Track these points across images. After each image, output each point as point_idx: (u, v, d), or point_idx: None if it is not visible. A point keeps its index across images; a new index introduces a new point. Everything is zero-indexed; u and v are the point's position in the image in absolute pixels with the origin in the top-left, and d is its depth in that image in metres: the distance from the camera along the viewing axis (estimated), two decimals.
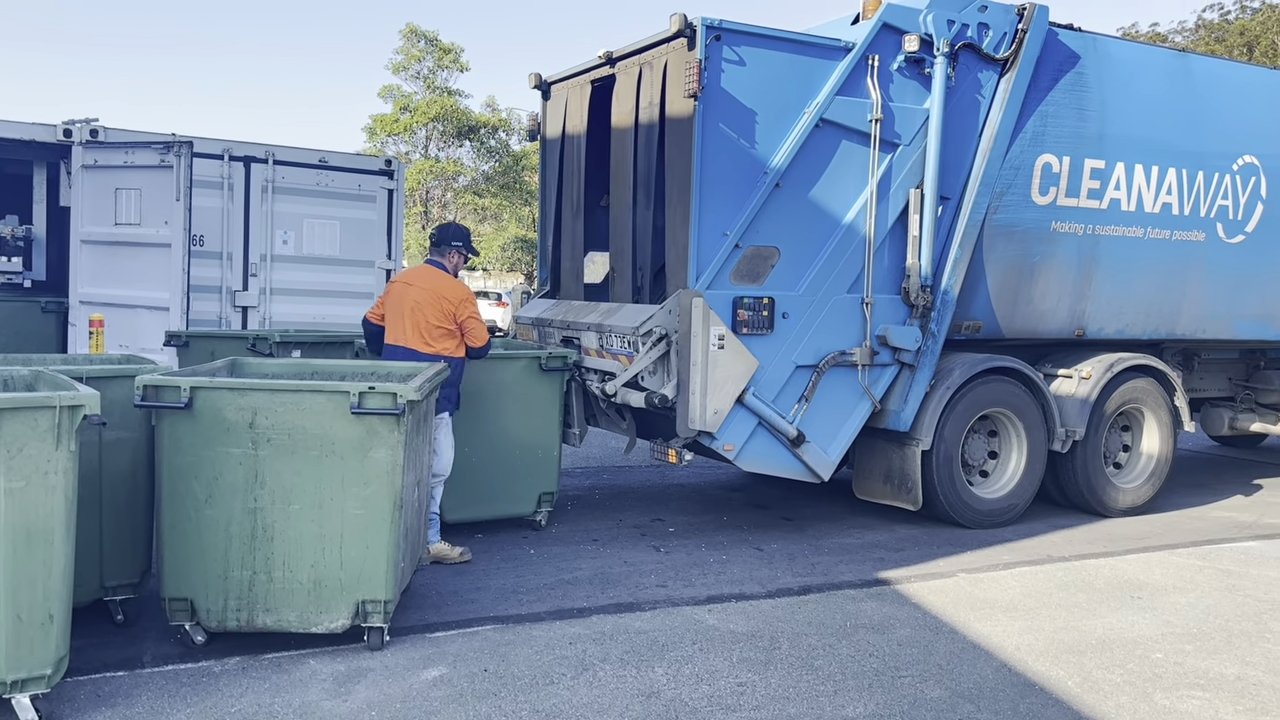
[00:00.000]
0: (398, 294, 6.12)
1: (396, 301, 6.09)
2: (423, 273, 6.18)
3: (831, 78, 6.75)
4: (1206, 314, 8.51)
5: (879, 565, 6.44)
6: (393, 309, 6.11)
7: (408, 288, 6.08)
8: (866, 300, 7.02)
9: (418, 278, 6.14)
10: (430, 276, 6.13)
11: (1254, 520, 8.11)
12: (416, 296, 6.00)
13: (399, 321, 6.04)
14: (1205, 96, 8.31)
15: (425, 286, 6.05)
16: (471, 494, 6.62)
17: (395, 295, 6.14)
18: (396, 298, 6.11)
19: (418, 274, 6.18)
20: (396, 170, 10.44)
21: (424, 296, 5.99)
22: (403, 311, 6.02)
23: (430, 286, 6.04)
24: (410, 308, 5.99)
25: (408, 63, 34.09)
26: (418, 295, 6.01)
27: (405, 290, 6.08)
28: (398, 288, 6.16)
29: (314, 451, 4.50)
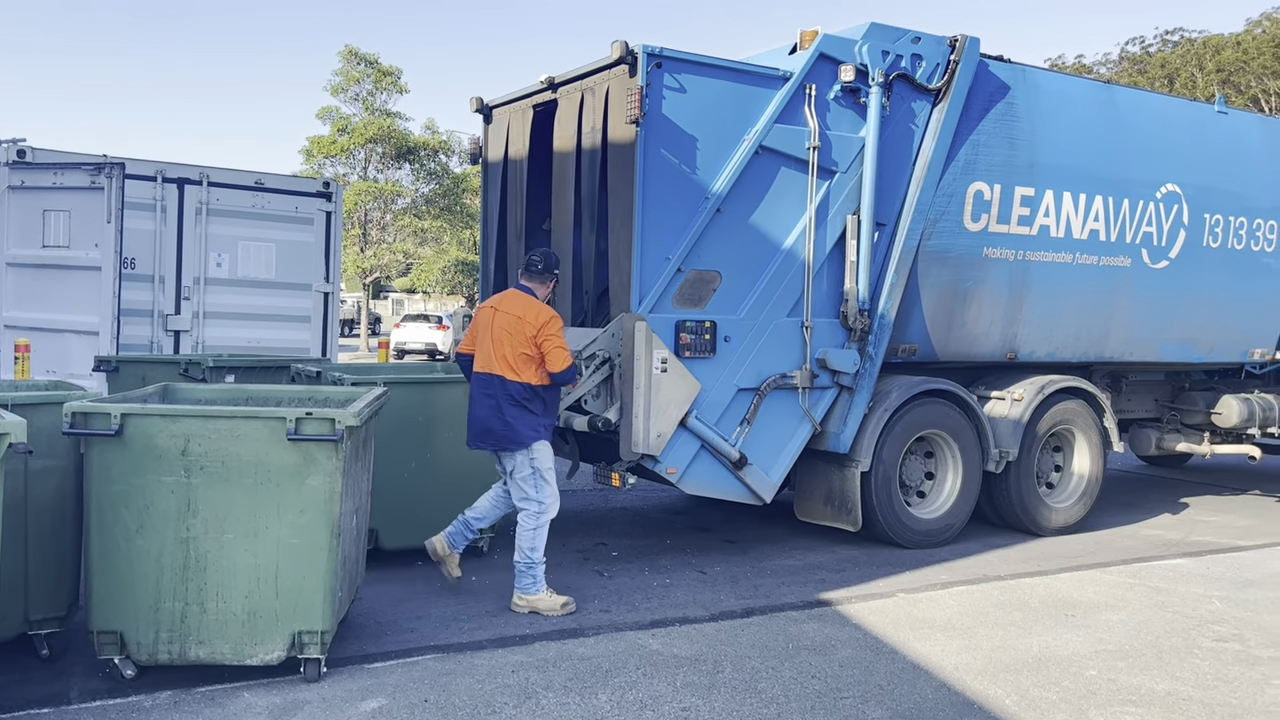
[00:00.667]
0: (485, 320, 5.85)
1: (484, 328, 5.83)
2: (510, 298, 5.88)
3: (770, 106, 6.85)
4: (1133, 337, 8.76)
5: (820, 586, 6.49)
6: (480, 336, 5.84)
7: (495, 313, 5.81)
8: (806, 324, 7.11)
9: (505, 303, 5.84)
10: (518, 301, 5.82)
11: (1181, 538, 8.34)
12: (503, 323, 5.74)
13: (485, 348, 5.79)
14: (1129, 126, 8.60)
15: (511, 311, 5.77)
16: (411, 520, 6.53)
17: (483, 321, 5.87)
18: (484, 324, 5.84)
19: (505, 299, 5.88)
20: (334, 192, 10.34)
21: (509, 322, 5.73)
22: (489, 338, 5.77)
23: (515, 311, 5.76)
24: (496, 334, 5.74)
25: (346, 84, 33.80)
26: (504, 321, 5.74)
27: (492, 316, 5.81)
28: (485, 314, 5.87)
29: (249, 479, 4.42)
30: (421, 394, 6.58)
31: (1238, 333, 9.48)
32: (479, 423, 5.79)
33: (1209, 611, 6.17)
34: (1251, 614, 6.15)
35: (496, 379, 5.71)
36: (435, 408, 6.60)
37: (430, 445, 6.57)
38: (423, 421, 6.55)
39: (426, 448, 6.56)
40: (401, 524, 6.50)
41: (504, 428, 5.70)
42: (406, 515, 6.50)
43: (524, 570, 5.76)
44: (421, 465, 6.54)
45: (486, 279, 8.51)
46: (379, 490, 6.05)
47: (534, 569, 5.75)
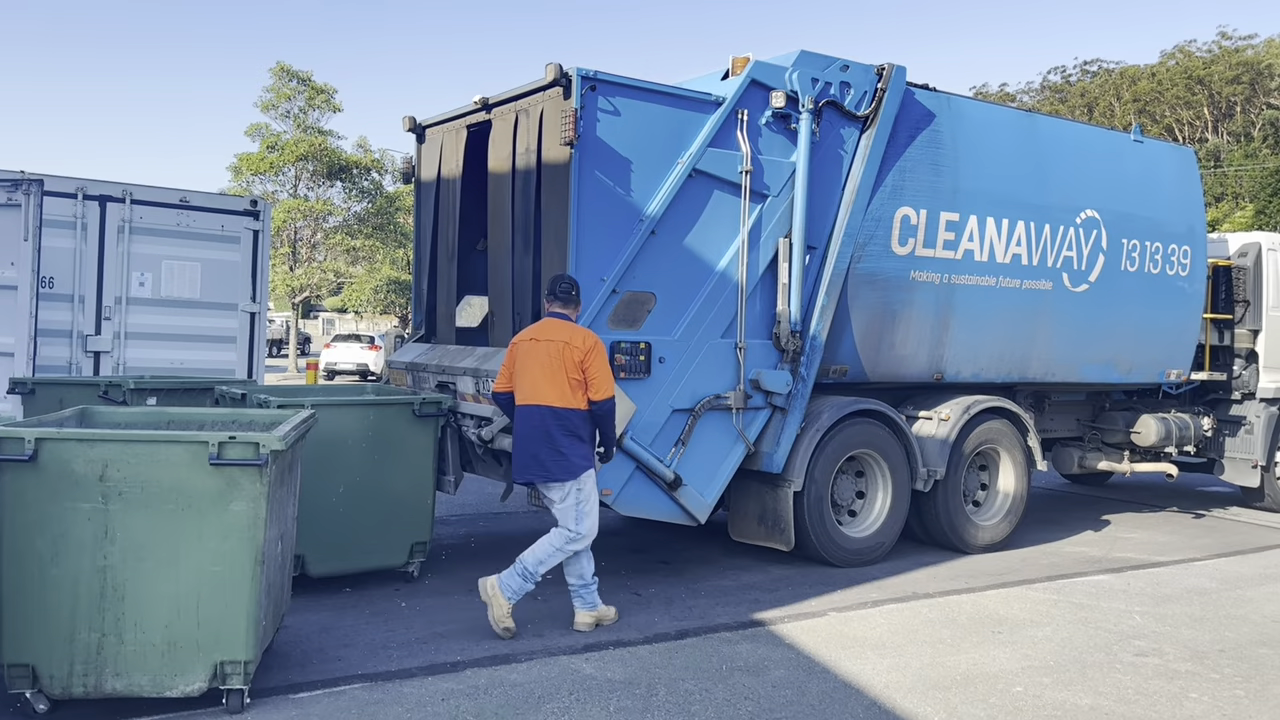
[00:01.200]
0: (525, 352, 5.75)
1: (526, 359, 5.72)
2: (551, 326, 5.79)
3: (704, 130, 6.93)
4: (1055, 358, 8.99)
5: (754, 606, 6.52)
6: (523, 368, 5.73)
7: (535, 343, 5.72)
8: (740, 345, 7.17)
9: (545, 331, 5.76)
10: (560, 328, 5.76)
11: (1104, 554, 8.55)
12: (548, 351, 5.66)
13: (530, 380, 5.68)
14: (1050, 153, 8.86)
15: (555, 338, 5.70)
16: (340, 546, 6.41)
17: (523, 354, 5.76)
18: (525, 356, 5.74)
19: (545, 328, 5.79)
20: (262, 210, 10.16)
21: (555, 349, 5.65)
22: (533, 368, 5.67)
23: (560, 337, 5.70)
24: (542, 363, 5.66)
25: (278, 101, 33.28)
26: (549, 350, 5.66)
27: (533, 347, 5.72)
28: (524, 345, 5.77)
29: (169, 505, 4.29)
30: (351, 416, 6.47)
31: (1155, 354, 9.79)
32: (528, 455, 5.69)
33: (1130, 626, 6.33)
34: (1170, 628, 6.32)
35: (546, 410, 5.63)
36: (365, 430, 6.50)
37: (359, 469, 6.46)
38: (352, 444, 6.44)
39: (355, 471, 6.45)
40: (330, 550, 6.37)
41: (556, 459, 5.65)
42: (335, 541, 6.38)
43: (580, 591, 5.87)
44: (350, 489, 6.43)
45: (419, 299, 8.44)
46: (306, 515, 5.93)
47: (592, 586, 5.87)
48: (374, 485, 6.52)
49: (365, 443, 6.48)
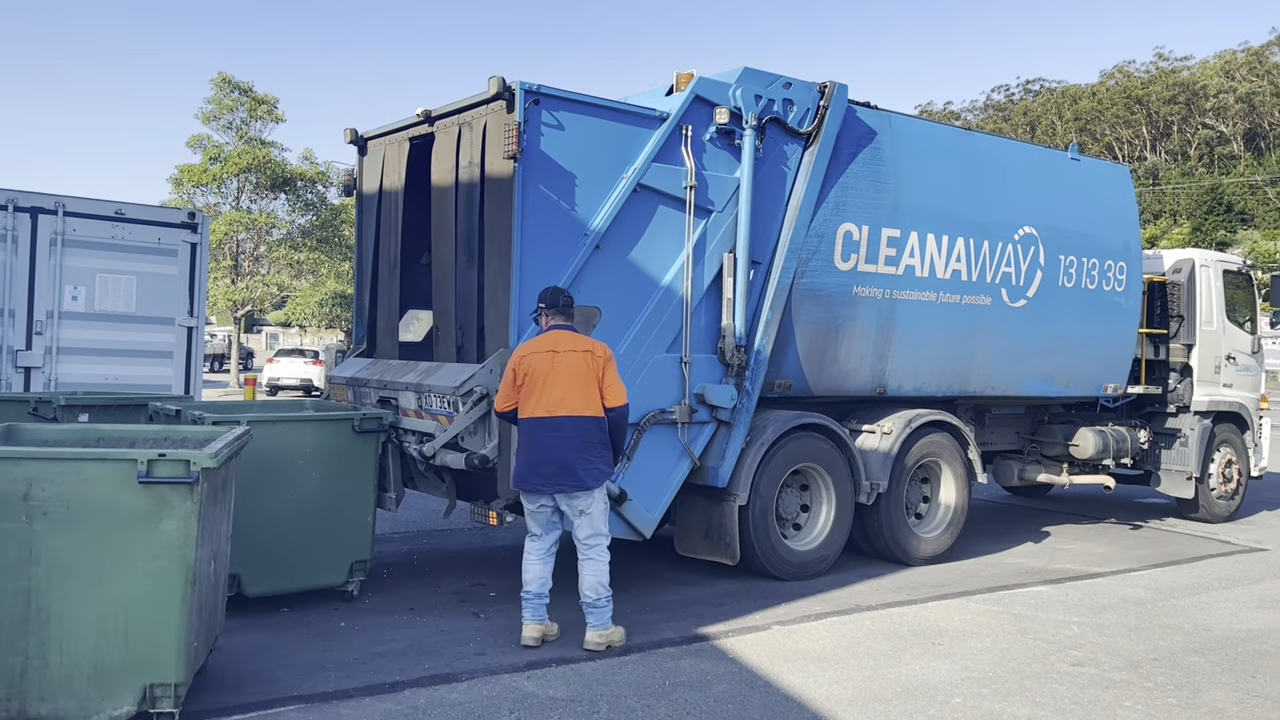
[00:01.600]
0: (545, 364, 5.72)
1: (547, 372, 5.70)
2: (564, 337, 5.83)
3: (648, 145, 6.95)
4: (995, 372, 9.13)
5: (699, 621, 6.51)
6: (544, 381, 5.70)
7: (555, 355, 5.73)
8: (685, 359, 7.18)
9: (562, 343, 5.79)
10: (576, 339, 5.86)
11: (1043, 566, 8.68)
12: (571, 362, 5.71)
13: (554, 391, 5.68)
14: (989, 171, 9.02)
15: (576, 349, 5.77)
16: (277, 565, 6.29)
17: (542, 366, 5.72)
18: (545, 368, 5.71)
19: (560, 339, 5.81)
20: (200, 223, 9.97)
21: (579, 360, 5.73)
22: (557, 380, 5.68)
23: (581, 347, 5.79)
24: (566, 374, 5.69)
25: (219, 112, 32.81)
26: (572, 361, 5.72)
27: (553, 359, 5.72)
28: (541, 358, 5.74)
29: (97, 525, 4.18)
30: (289, 432, 6.36)
31: (1092, 368, 9.99)
32: (555, 464, 5.69)
33: (1067, 637, 6.43)
34: (1106, 638, 6.43)
35: (574, 420, 5.68)
36: (303, 447, 6.39)
37: (298, 486, 6.35)
38: (290, 461, 6.32)
39: (294, 489, 6.33)
40: (267, 569, 6.25)
41: (587, 466, 5.71)
42: (272, 560, 6.26)
43: (604, 606, 5.84)
44: (289, 507, 6.31)
45: (361, 313, 8.33)
46: (243, 534, 5.81)
47: (610, 603, 5.87)
48: (313, 503, 6.41)
49: (304, 460, 6.38)
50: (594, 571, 5.87)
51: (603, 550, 5.90)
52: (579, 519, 5.85)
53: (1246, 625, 6.87)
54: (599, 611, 5.86)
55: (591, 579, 5.87)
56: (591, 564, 5.88)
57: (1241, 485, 11.43)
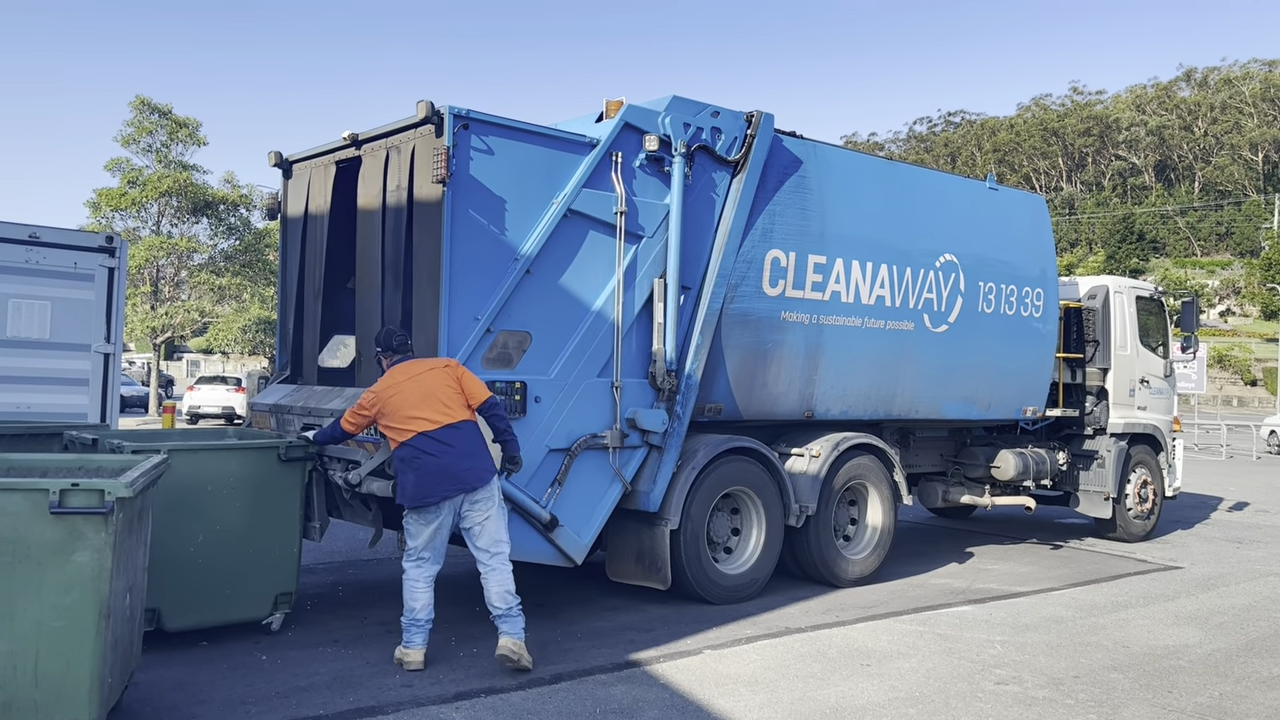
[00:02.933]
0: (408, 388, 5.89)
1: (413, 394, 5.87)
2: (412, 365, 6.05)
3: (578, 171, 6.98)
4: (918, 396, 9.31)
5: (630, 647, 6.48)
6: (411, 402, 5.85)
7: (410, 378, 5.93)
8: (616, 384, 7.19)
9: (413, 369, 6.00)
10: (419, 362, 6.09)
11: (967, 586, 8.84)
12: (429, 380, 5.92)
13: (430, 407, 5.85)
14: (911, 200, 9.23)
15: (429, 368, 6.00)
16: (199, 598, 6.11)
17: (408, 391, 5.89)
18: (409, 391, 5.88)
19: (410, 367, 6.02)
20: (119, 247, 9.71)
21: (434, 376, 5.95)
22: (424, 396, 5.87)
23: (429, 365, 6.03)
24: (430, 390, 5.89)
25: (139, 135, 32.09)
26: (429, 379, 5.93)
27: (411, 382, 5.91)
28: (407, 383, 5.91)
29: (4, 557, 4.03)
30: (210, 461, 6.20)
31: (1012, 391, 10.24)
32: (451, 469, 5.82)
33: (991, 656, 6.55)
34: (1029, 656, 6.56)
35: (452, 427, 5.85)
36: (226, 476, 6.23)
37: (220, 516, 6.18)
38: (213, 491, 6.16)
39: (216, 519, 6.17)
40: (188, 602, 6.06)
41: (481, 462, 5.91)
42: (193, 592, 6.08)
43: (517, 613, 5.90)
44: (211, 538, 6.14)
45: (284, 339, 8.19)
46: (162, 566, 5.64)
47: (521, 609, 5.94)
48: (236, 533, 6.25)
49: (227, 489, 6.22)
50: (500, 580, 5.92)
51: (505, 560, 5.99)
52: (479, 526, 5.92)
53: (1163, 641, 7.07)
54: (513, 619, 5.89)
55: (499, 588, 5.91)
56: (495, 573, 5.93)
57: (1157, 505, 11.78)
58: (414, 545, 5.95)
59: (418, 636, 5.91)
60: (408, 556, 5.98)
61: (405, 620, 5.94)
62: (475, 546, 5.96)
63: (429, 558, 5.95)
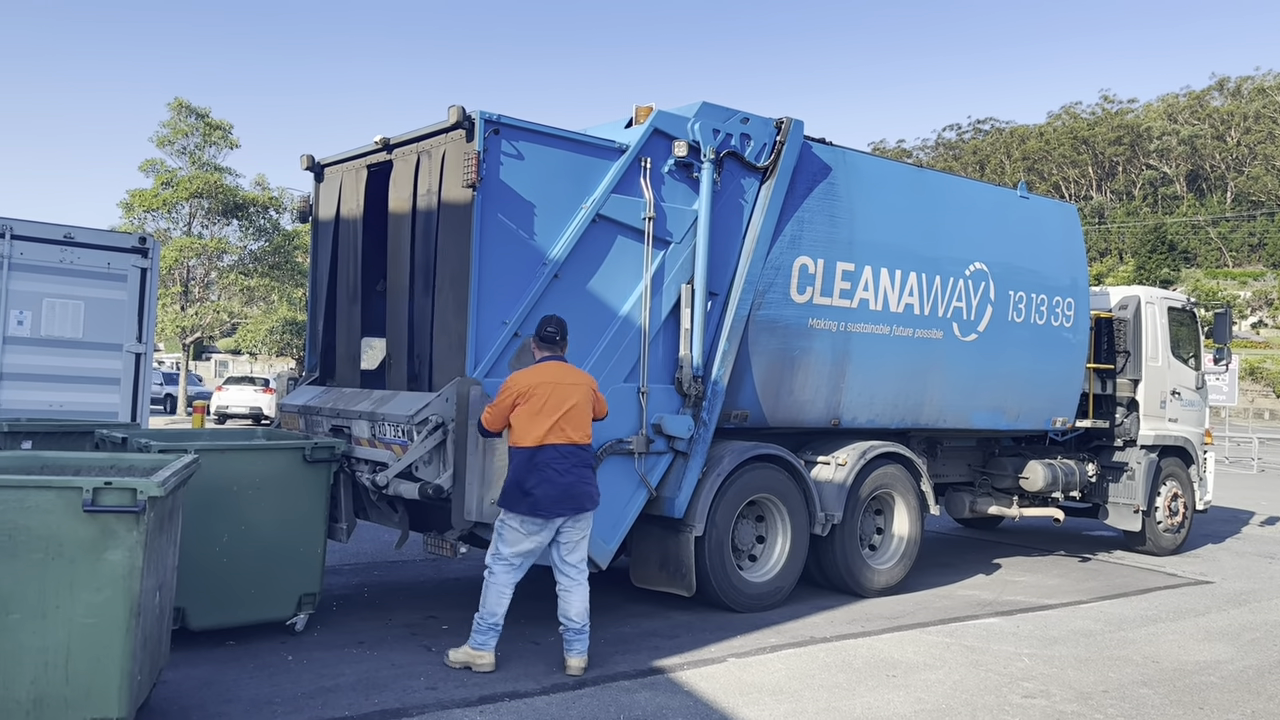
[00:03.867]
0: (546, 394, 5.86)
1: (554, 401, 5.85)
2: (560, 369, 6.04)
3: (607, 176, 6.98)
4: (946, 405, 9.24)
5: (654, 654, 6.47)
6: (548, 409, 5.84)
7: (557, 386, 5.91)
8: (642, 389, 7.18)
9: (560, 374, 5.99)
10: (571, 370, 6.10)
11: (994, 598, 8.76)
12: (574, 394, 5.95)
13: (566, 419, 5.87)
14: (940, 208, 9.18)
15: (578, 381, 6.04)
16: (223, 597, 6.14)
17: (546, 395, 5.86)
18: (547, 398, 5.85)
19: (558, 370, 6.01)
20: (151, 248, 9.82)
21: (582, 392, 6.00)
22: (563, 409, 5.87)
23: (578, 380, 6.05)
24: (574, 404, 5.92)
25: (174, 137, 32.47)
26: (575, 392, 5.96)
27: (557, 389, 5.89)
28: (546, 388, 5.87)
29: (38, 554, 4.07)
30: (239, 461, 6.25)
31: (1042, 402, 10.14)
32: (567, 489, 5.86)
33: (1019, 669, 6.48)
34: (1057, 670, 6.49)
35: (579, 448, 5.93)
36: (252, 476, 6.27)
37: (247, 516, 6.22)
38: (239, 491, 6.20)
39: (242, 519, 6.21)
40: (214, 602, 6.11)
41: (591, 490, 6.00)
42: (219, 592, 6.12)
43: (587, 631, 6.04)
44: (237, 538, 6.18)
45: (314, 340, 8.24)
46: (189, 565, 5.69)
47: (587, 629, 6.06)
48: (262, 534, 6.29)
49: (253, 489, 6.26)
50: (582, 597, 6.04)
51: (586, 577, 6.11)
52: (574, 544, 6.04)
53: (1194, 657, 6.98)
54: (585, 638, 6.02)
55: (580, 604, 6.01)
56: (580, 589, 6.04)
57: (1187, 519, 11.64)
58: (509, 551, 5.95)
59: (493, 640, 5.97)
60: (498, 559, 5.97)
61: (484, 623, 5.95)
62: (564, 560, 6.03)
63: (519, 564, 6.00)
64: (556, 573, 6.06)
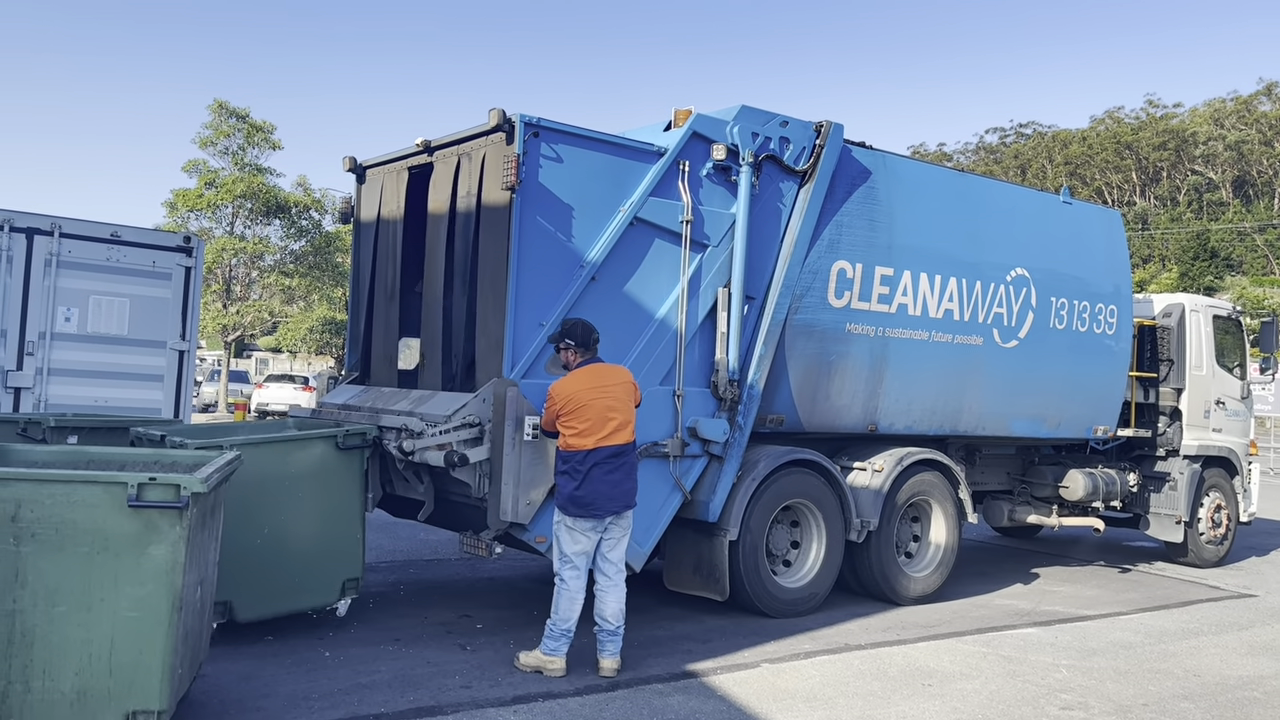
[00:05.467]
0: (591, 398, 5.92)
1: (602, 405, 5.92)
2: (604, 370, 6.11)
3: (645, 179, 6.99)
4: (985, 412, 9.15)
5: (687, 657, 6.46)
6: (599, 414, 5.91)
7: (605, 388, 5.98)
8: (678, 392, 7.18)
9: (605, 376, 6.06)
10: (613, 371, 6.17)
11: (1032, 608, 8.66)
12: (619, 394, 6.02)
13: (614, 421, 5.94)
14: (981, 213, 9.09)
15: (621, 380, 6.11)
16: (270, 588, 6.22)
17: (594, 399, 5.92)
18: (595, 401, 5.91)
19: (602, 373, 6.08)
20: (195, 247, 9.98)
21: (625, 391, 6.07)
22: (611, 410, 5.95)
23: (621, 379, 6.13)
24: (617, 406, 5.97)
25: (216, 138, 32.96)
26: (619, 393, 6.03)
27: (605, 391, 5.97)
28: (600, 391, 5.95)
29: (84, 548, 4.15)
30: (273, 454, 6.31)
31: (1082, 410, 10.01)
32: (620, 486, 5.97)
33: (1057, 680, 6.40)
34: (1095, 682, 6.40)
35: (628, 446, 6.02)
36: (288, 467, 6.32)
37: (285, 507, 6.29)
38: (276, 483, 6.26)
39: (281, 510, 6.28)
40: (259, 593, 6.18)
41: (634, 487, 6.08)
42: (264, 583, 6.20)
43: (622, 633, 6.04)
44: (277, 529, 6.25)
45: (355, 340, 8.33)
46: (232, 558, 5.76)
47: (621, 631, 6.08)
48: (302, 523, 6.36)
49: (290, 480, 6.32)
50: (618, 598, 6.06)
51: (624, 577, 6.14)
52: (615, 541, 6.07)
53: (1236, 672, 6.86)
54: (618, 639, 6.03)
55: (615, 605, 6.03)
56: (617, 590, 6.06)
57: (1231, 530, 11.44)
58: (570, 552, 5.98)
59: (564, 646, 5.96)
60: (565, 563, 5.99)
61: (556, 629, 5.95)
62: (604, 558, 6.07)
63: (583, 565, 6.02)
64: (596, 571, 6.08)
